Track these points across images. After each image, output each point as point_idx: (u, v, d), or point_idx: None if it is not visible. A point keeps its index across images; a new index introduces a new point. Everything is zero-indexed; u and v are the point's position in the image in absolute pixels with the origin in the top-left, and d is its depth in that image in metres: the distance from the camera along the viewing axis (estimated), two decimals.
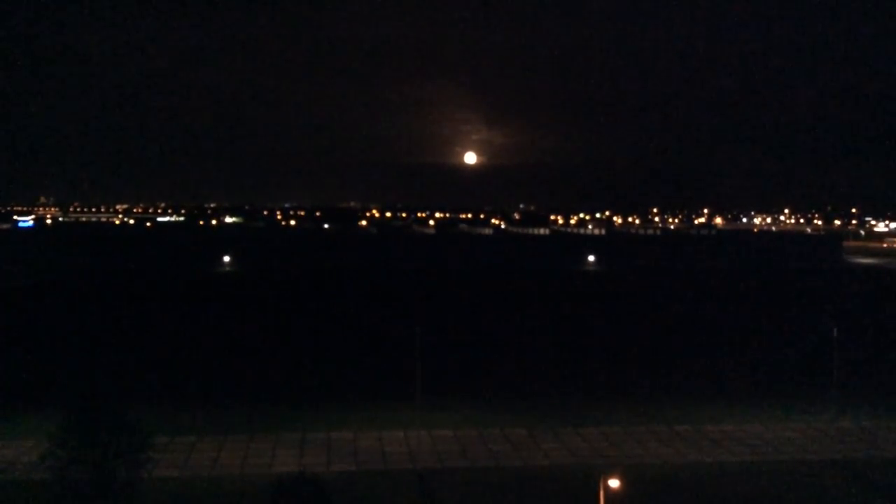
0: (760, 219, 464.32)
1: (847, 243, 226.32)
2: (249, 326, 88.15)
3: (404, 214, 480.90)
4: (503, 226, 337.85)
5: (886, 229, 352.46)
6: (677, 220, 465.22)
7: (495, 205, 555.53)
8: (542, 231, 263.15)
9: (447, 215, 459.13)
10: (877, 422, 52.09)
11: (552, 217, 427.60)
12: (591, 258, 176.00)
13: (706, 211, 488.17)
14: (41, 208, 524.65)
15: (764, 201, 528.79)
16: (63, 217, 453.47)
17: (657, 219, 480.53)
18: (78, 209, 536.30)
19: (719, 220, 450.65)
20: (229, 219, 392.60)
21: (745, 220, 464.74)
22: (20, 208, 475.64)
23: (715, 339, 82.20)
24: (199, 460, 42.95)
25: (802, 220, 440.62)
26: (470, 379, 63.05)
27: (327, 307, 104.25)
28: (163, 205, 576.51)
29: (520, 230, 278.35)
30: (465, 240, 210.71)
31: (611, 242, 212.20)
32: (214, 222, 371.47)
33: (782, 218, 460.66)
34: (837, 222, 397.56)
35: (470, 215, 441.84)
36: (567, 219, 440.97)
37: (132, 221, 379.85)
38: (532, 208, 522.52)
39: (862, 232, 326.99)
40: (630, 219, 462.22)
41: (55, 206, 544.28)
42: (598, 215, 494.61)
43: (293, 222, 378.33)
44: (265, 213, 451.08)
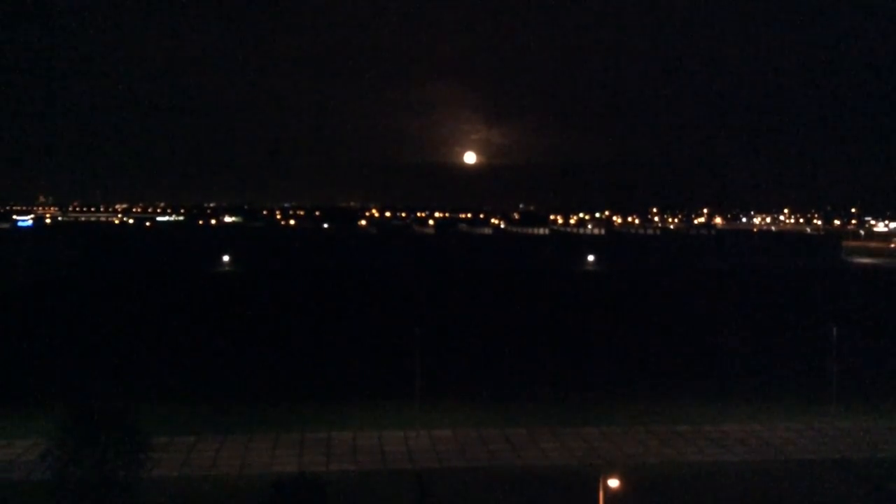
0: (760, 219, 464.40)
1: (847, 243, 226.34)
2: (249, 326, 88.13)
3: (404, 214, 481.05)
4: (503, 226, 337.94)
5: (886, 229, 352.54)
6: (677, 220, 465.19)
7: (495, 205, 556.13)
8: (542, 231, 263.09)
9: (447, 215, 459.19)
10: (876, 422, 52.13)
11: (552, 217, 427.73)
12: (591, 258, 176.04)
13: (706, 211, 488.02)
14: (40, 208, 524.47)
15: (763, 201, 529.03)
16: (62, 216, 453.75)
17: (657, 219, 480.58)
18: (77, 209, 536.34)
19: (719, 220, 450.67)
20: (229, 218, 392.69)
21: (745, 220, 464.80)
22: (19, 208, 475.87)
23: (714, 339, 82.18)
24: (199, 460, 42.95)
25: (802, 220, 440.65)
26: (469, 379, 63.02)
27: (327, 307, 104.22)
28: (162, 204, 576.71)
29: (519, 230, 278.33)
30: (465, 239, 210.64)
31: (610, 242, 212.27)
32: (214, 222, 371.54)
33: (782, 218, 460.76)
34: (837, 222, 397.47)
35: (469, 215, 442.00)
36: (566, 219, 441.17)
37: (131, 221, 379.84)
38: (531, 208, 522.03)
39: (862, 232, 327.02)
40: (629, 219, 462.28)
41: (54, 206, 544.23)
42: (598, 215, 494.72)
43: (293, 222, 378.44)
44: (264, 213, 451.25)
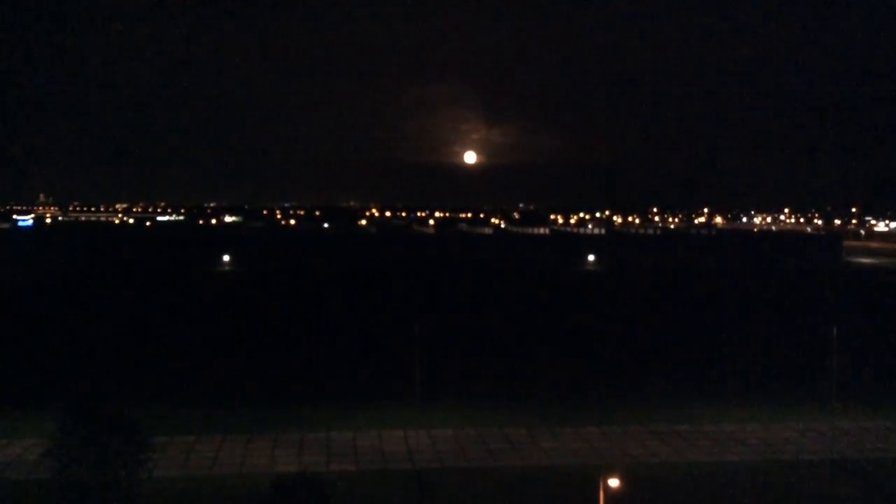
0: (760, 218, 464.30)
1: (848, 243, 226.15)
2: (249, 326, 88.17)
3: (404, 214, 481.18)
4: (503, 225, 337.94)
5: (887, 229, 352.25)
6: (677, 220, 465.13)
7: (495, 204, 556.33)
8: (542, 231, 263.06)
9: (447, 215, 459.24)
10: (876, 422, 52.10)
11: (552, 216, 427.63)
12: (591, 258, 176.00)
13: (706, 210, 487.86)
14: (41, 207, 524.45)
15: (764, 201, 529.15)
16: (62, 216, 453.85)
17: (657, 218, 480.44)
18: (77, 208, 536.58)
19: (719, 220, 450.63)
20: (229, 218, 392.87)
21: (745, 220, 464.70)
22: (19, 207, 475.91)
23: (714, 339, 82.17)
24: (199, 460, 42.96)
25: (802, 220, 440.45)
26: (469, 378, 63.01)
27: (327, 306, 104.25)
28: (162, 204, 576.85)
29: (519, 229, 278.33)
30: (465, 239, 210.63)
31: (611, 242, 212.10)
32: (214, 221, 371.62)
33: (782, 218, 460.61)
34: (837, 222, 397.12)
35: (470, 215, 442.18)
36: (567, 218, 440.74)
37: (132, 221, 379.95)
38: (532, 208, 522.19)
39: (862, 232, 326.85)
40: (630, 218, 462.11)
41: (55, 206, 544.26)
42: (598, 215, 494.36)
43: (293, 221, 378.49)
44: (265, 213, 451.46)
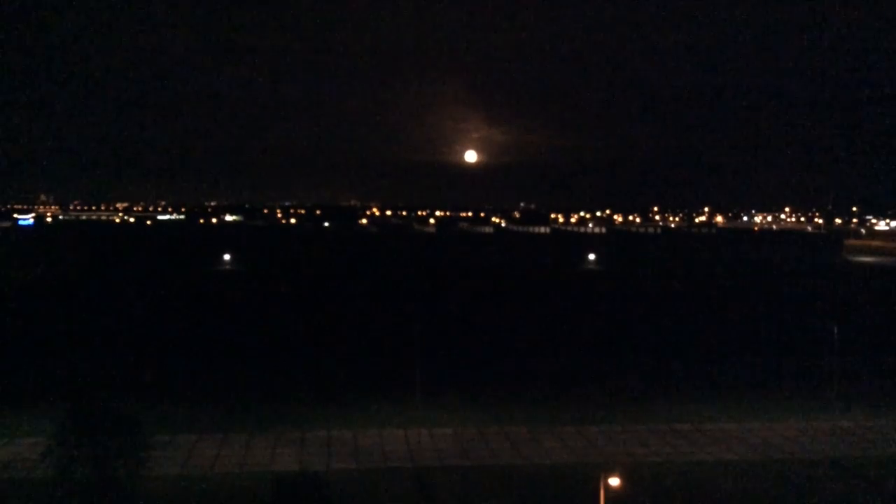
0: (761, 217, 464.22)
1: (849, 242, 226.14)
2: (249, 325, 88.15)
3: (404, 213, 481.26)
4: (503, 224, 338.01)
5: (887, 228, 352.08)
6: (678, 219, 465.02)
7: (496, 203, 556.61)
8: (543, 229, 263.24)
9: (448, 214, 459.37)
10: (876, 420, 52.11)
11: (553, 215, 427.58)
12: (592, 257, 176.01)
13: (707, 210, 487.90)
14: (41, 206, 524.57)
15: (764, 200, 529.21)
16: (63, 215, 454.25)
17: (658, 217, 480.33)
18: (78, 207, 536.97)
19: (720, 219, 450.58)
20: (229, 217, 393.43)
21: (746, 219, 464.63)
22: (20, 206, 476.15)
23: (715, 338, 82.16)
24: (200, 458, 42.97)
25: (803, 219, 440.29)
26: (470, 377, 63.01)
27: (327, 305, 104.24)
28: (163, 203, 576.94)
29: (520, 228, 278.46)
30: (466, 238, 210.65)
31: (611, 241, 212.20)
32: (214, 221, 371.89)
33: (783, 217, 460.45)
34: (838, 221, 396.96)
35: (470, 214, 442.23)
36: (567, 217, 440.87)
37: (132, 220, 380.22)
38: (532, 207, 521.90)
39: (863, 231, 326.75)
40: (630, 217, 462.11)
41: (55, 205, 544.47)
42: (599, 214, 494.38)
43: (293, 221, 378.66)
44: (265, 212, 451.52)
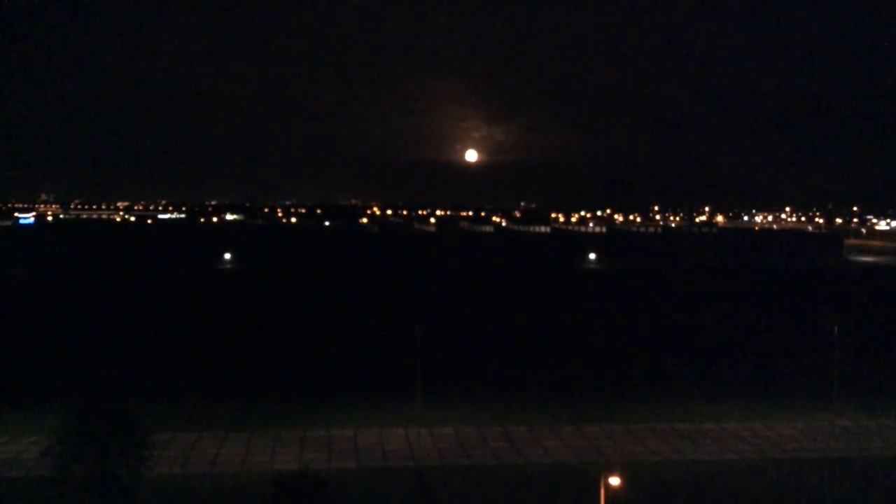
0: (762, 217, 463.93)
1: (849, 241, 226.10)
2: (250, 324, 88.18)
3: (405, 212, 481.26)
4: (504, 223, 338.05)
5: (888, 227, 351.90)
6: (678, 219, 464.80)
7: (496, 202, 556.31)
8: (543, 229, 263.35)
9: (448, 213, 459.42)
10: (877, 420, 52.08)
11: (553, 215, 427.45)
12: (592, 256, 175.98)
13: (707, 209, 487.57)
14: (42, 205, 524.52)
15: (765, 199, 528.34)
16: (64, 214, 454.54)
17: (658, 217, 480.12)
18: (79, 206, 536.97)
19: (720, 219, 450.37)
20: (230, 216, 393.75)
21: (747, 219, 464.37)
22: (21, 205, 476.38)
23: (716, 337, 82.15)
24: (200, 457, 42.99)
25: (804, 219, 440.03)
26: (470, 377, 63.03)
27: (328, 305, 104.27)
28: (164, 202, 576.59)
29: (521, 228, 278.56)
30: (466, 237, 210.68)
31: (612, 240, 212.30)
32: (215, 220, 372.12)
33: (783, 216, 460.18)
34: (839, 220, 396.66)
35: (471, 213, 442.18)
36: (568, 217, 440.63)
37: (133, 219, 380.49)
38: (533, 206, 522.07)
39: (863, 230, 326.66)
40: (631, 217, 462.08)
41: (56, 204, 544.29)
42: (599, 213, 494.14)
43: (294, 220, 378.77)
44: (266, 211, 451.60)
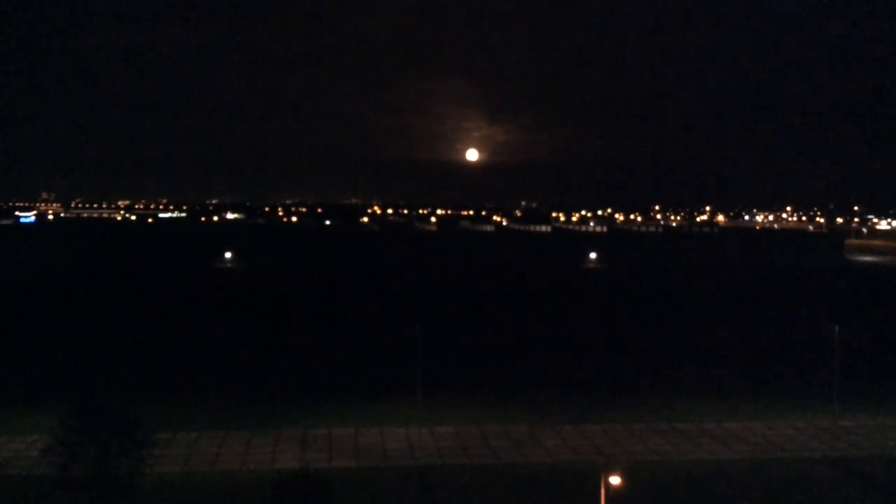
0: (762, 217, 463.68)
1: (850, 241, 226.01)
2: (251, 323, 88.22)
3: (405, 211, 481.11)
4: (505, 223, 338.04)
5: (889, 227, 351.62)
6: (679, 218, 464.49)
7: (497, 202, 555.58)
8: (544, 228, 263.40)
9: (449, 212, 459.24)
10: (877, 420, 52.10)
11: (554, 214, 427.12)
12: (593, 256, 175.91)
13: (708, 209, 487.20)
14: (43, 204, 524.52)
15: (766, 199, 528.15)
16: (65, 213, 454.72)
17: (659, 216, 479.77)
18: (80, 205, 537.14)
19: (721, 218, 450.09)
20: (230, 215, 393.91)
21: (748, 218, 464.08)
22: (22, 204, 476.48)
23: (716, 337, 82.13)
24: (201, 456, 43.00)
25: (804, 218, 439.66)
26: (471, 376, 63.04)
27: (328, 304, 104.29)
28: (164, 201, 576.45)
29: (521, 227, 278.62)
30: (467, 237, 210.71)
31: (613, 240, 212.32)
32: (216, 219, 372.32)
33: (784, 216, 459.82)
34: (839, 220, 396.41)
35: (472, 212, 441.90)
36: (569, 216, 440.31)
37: (134, 218, 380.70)
38: (534, 205, 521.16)
39: (864, 230, 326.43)
40: (632, 216, 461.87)
41: (57, 202, 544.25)
42: (600, 213, 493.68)
43: (294, 219, 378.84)
44: (266, 210, 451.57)
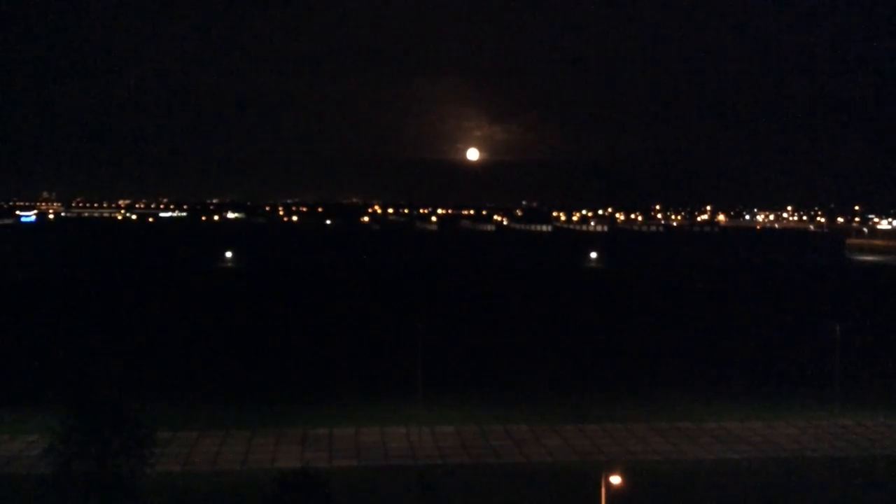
0: (763, 216, 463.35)
1: (851, 241, 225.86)
2: (252, 323, 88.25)
3: (406, 210, 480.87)
4: (506, 222, 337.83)
5: (890, 227, 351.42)
6: (680, 218, 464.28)
7: (498, 201, 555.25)
8: (545, 228, 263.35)
9: (450, 212, 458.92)
10: (877, 420, 52.12)
11: (554, 214, 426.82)
12: (594, 255, 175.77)
13: (709, 208, 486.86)
14: (44, 204, 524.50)
15: (767, 198, 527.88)
16: (65, 212, 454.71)
17: (660, 216, 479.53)
18: (80, 205, 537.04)
19: (722, 218, 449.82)
20: (231, 214, 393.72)
21: (748, 218, 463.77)
22: (23, 203, 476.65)
23: (717, 337, 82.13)
24: (202, 455, 43.06)
25: (805, 218, 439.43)
26: (471, 375, 63.07)
27: (329, 304, 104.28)
28: (165, 200, 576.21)
29: (522, 227, 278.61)
30: (468, 236, 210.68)
31: (613, 239, 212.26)
32: (217, 218, 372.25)
33: (785, 215, 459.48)
34: (840, 220, 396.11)
35: (472, 212, 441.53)
36: (569, 216, 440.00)
37: (134, 217, 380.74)
38: (534, 205, 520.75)
39: (865, 230, 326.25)
40: (633, 216, 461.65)
41: (58, 202, 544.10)
42: (601, 212, 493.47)
43: (295, 218, 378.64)
44: (267, 209, 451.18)
